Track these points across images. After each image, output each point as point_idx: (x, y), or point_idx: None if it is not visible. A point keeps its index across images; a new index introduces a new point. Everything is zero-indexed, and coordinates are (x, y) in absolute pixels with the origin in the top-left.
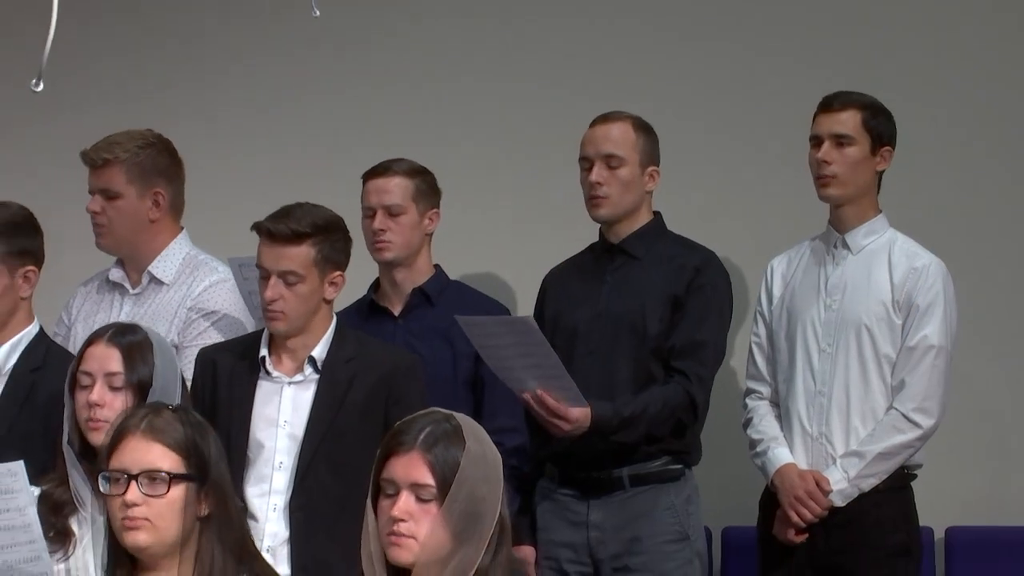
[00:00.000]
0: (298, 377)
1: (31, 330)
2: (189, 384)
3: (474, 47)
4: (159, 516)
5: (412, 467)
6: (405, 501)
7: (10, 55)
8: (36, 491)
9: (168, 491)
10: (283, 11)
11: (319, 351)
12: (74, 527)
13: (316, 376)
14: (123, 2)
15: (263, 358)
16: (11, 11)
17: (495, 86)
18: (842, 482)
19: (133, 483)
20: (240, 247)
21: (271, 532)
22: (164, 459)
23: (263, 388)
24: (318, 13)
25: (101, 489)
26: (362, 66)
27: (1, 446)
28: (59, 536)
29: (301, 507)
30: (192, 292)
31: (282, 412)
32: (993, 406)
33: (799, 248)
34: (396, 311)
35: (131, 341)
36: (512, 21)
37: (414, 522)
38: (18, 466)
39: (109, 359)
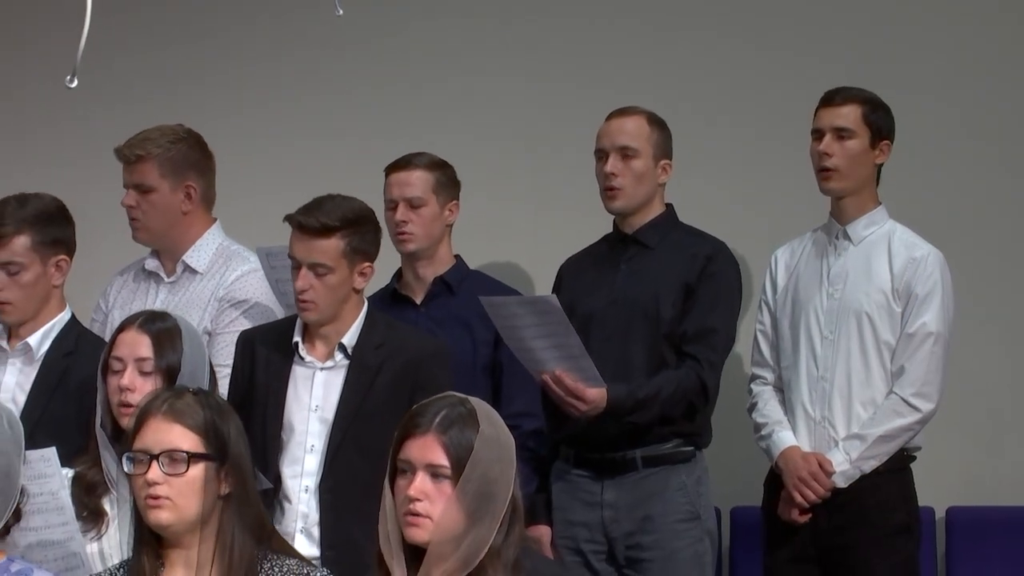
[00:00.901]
0: (329, 363)
1: (63, 317)
2: (227, 369)
3: (492, 43)
4: (180, 494)
5: (427, 448)
6: (421, 481)
7: (42, 52)
8: (69, 473)
9: (188, 470)
10: (308, 9)
11: (349, 338)
12: (106, 507)
13: (347, 362)
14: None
15: (296, 344)
16: (42, 10)
17: (513, 82)
18: (844, 464)
19: (155, 463)
20: (270, 238)
21: (303, 513)
22: (184, 439)
23: (296, 373)
24: (341, 12)
25: (125, 469)
26: (386, 63)
27: (35, 429)
28: (92, 516)
29: (330, 488)
30: (224, 281)
31: (314, 396)
32: (990, 391)
33: (802, 239)
34: (418, 300)
35: (161, 328)
36: (530, 17)
37: (429, 502)
38: (51, 452)
39: (139, 345)
